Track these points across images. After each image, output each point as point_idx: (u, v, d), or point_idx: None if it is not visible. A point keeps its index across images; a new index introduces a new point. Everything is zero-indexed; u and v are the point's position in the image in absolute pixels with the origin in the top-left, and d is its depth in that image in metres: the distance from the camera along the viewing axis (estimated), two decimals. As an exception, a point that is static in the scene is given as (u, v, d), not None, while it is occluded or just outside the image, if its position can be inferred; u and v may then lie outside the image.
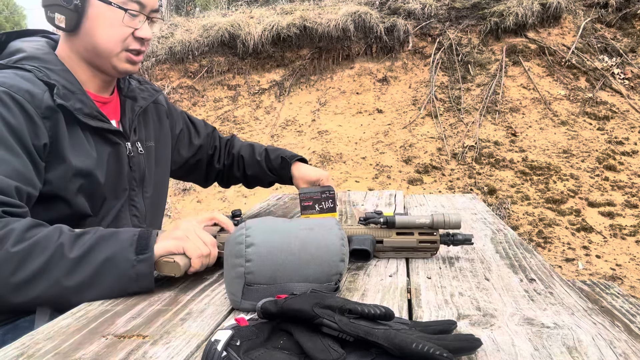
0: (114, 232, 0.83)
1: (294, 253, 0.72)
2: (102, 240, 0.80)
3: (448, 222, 0.94)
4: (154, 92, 1.24)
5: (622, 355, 0.55)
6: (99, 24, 1.00)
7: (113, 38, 1.01)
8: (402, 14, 5.73)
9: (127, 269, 0.79)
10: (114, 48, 1.02)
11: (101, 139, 1.04)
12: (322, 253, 0.73)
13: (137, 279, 0.79)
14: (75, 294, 0.78)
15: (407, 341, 0.49)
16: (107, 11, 1.00)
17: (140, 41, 1.05)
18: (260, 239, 0.72)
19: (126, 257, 0.79)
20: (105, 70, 1.06)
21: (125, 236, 0.82)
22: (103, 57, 1.03)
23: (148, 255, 0.80)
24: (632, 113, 4.57)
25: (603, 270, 3.02)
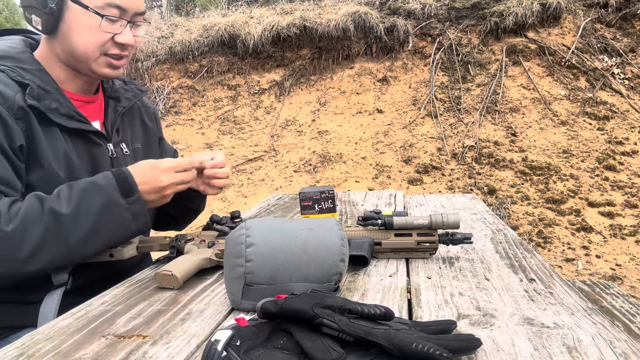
0: (91, 182, 0.88)
1: (294, 253, 0.72)
2: (85, 192, 0.86)
3: (446, 222, 0.94)
4: (138, 92, 1.21)
5: (622, 355, 0.55)
6: (75, 28, 0.97)
7: (90, 43, 0.98)
8: (402, 14, 5.73)
9: (122, 212, 0.87)
10: (92, 53, 0.99)
11: (82, 140, 1.01)
12: (322, 253, 0.73)
13: (135, 219, 0.89)
14: (83, 247, 0.85)
15: (407, 341, 0.49)
16: (84, 16, 0.96)
17: (120, 46, 1.01)
18: (260, 239, 0.72)
19: (117, 202, 0.87)
20: (84, 73, 1.03)
21: (105, 182, 0.88)
22: (81, 61, 1.00)
23: (136, 196, 0.89)
24: (632, 113, 4.57)
25: (603, 270, 3.02)
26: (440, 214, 0.95)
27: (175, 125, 5.46)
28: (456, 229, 0.97)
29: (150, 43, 5.95)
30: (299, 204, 1.27)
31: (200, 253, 0.93)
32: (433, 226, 0.95)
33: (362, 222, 1.00)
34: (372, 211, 1.01)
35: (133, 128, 1.19)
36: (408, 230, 0.97)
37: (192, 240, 1.00)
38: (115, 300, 0.79)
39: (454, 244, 0.97)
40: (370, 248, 0.95)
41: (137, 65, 5.84)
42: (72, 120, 0.98)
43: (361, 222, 1.00)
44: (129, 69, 5.80)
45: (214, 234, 1.01)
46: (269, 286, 0.71)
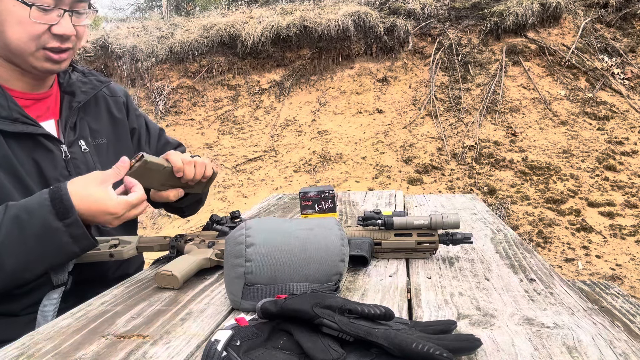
0: (23, 206, 0.80)
1: (294, 253, 0.72)
2: (16, 219, 0.79)
3: (446, 222, 0.94)
4: (98, 83, 1.10)
5: (622, 355, 0.55)
6: (6, 21, 0.89)
7: (23, 36, 0.89)
8: (402, 14, 5.73)
9: (60, 236, 0.80)
10: (26, 47, 0.90)
11: (30, 143, 0.93)
12: (322, 253, 0.73)
13: (76, 241, 0.81)
14: (23, 273, 0.80)
15: (407, 341, 0.49)
16: (13, 7, 0.88)
17: (59, 38, 0.92)
18: (260, 239, 0.72)
19: (53, 227, 0.79)
20: (26, 69, 0.95)
21: (38, 205, 0.80)
22: (17, 56, 0.92)
23: (73, 218, 0.80)
24: (632, 113, 4.57)
25: (603, 270, 3.02)
26: (440, 214, 0.95)
27: (175, 125, 5.46)
28: (456, 229, 0.97)
29: (150, 43, 5.95)
30: (299, 204, 1.27)
31: (200, 253, 0.93)
32: (433, 226, 0.95)
33: (362, 222, 1.00)
34: (372, 211, 1.00)
35: (97, 122, 1.09)
36: (408, 230, 0.97)
37: (192, 240, 1.00)
38: (115, 300, 0.79)
39: (454, 244, 0.97)
40: (370, 248, 0.95)
41: (137, 65, 5.84)
42: (15, 123, 0.90)
43: (361, 222, 1.00)
44: (129, 69, 5.80)
45: (214, 234, 1.00)
46: (269, 286, 0.71)
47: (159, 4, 9.50)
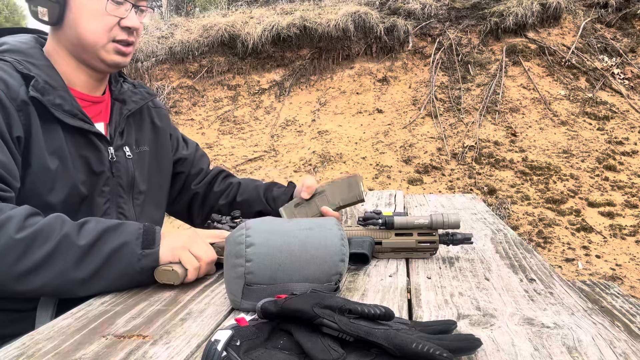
0: (119, 223, 0.84)
1: (294, 253, 0.72)
2: (108, 231, 0.81)
3: (447, 222, 0.94)
4: (147, 95, 1.17)
5: (622, 355, 0.55)
6: (82, 14, 0.96)
7: (98, 28, 0.97)
8: (402, 14, 5.73)
9: (133, 262, 0.81)
10: (100, 39, 0.97)
11: (82, 140, 0.99)
12: (321, 253, 0.73)
13: (141, 273, 0.82)
14: (80, 285, 0.79)
15: (407, 341, 0.49)
16: (89, 1, 0.96)
17: (127, 31, 1.00)
18: (260, 239, 0.72)
19: (133, 251, 0.81)
20: (93, 64, 1.01)
21: (132, 229, 0.83)
22: (89, 49, 0.98)
23: (154, 250, 0.82)
24: (632, 113, 4.57)
25: (603, 270, 3.02)
26: (441, 214, 0.95)
27: (175, 125, 5.47)
28: (457, 229, 0.97)
29: (150, 43, 5.95)
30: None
31: None
32: (433, 226, 0.95)
33: (363, 222, 1.00)
34: (372, 211, 1.01)
35: (141, 131, 1.16)
36: (409, 230, 0.97)
37: None
38: (115, 300, 0.79)
39: (455, 244, 0.96)
40: (371, 247, 0.95)
41: (137, 65, 5.85)
42: (74, 119, 0.96)
43: (361, 222, 1.00)
44: (128, 69, 5.80)
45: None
46: (269, 286, 0.71)
47: (159, 4, 9.51)
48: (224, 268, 0.75)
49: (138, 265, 0.81)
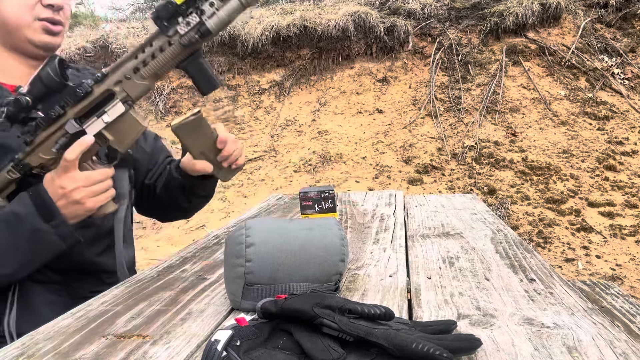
0: (10, 213, 0.85)
1: (294, 253, 0.72)
2: (8, 225, 0.84)
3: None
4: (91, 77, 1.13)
5: (622, 355, 0.55)
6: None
7: (18, 8, 0.94)
8: (402, 14, 5.73)
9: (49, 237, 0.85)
10: (22, 19, 0.95)
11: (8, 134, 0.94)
12: (321, 253, 0.73)
13: (64, 239, 0.86)
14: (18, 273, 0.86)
15: (407, 341, 0.49)
16: None
17: (51, 8, 0.96)
18: (260, 239, 0.72)
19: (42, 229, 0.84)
20: (23, 48, 0.98)
21: (24, 211, 0.84)
22: (15, 32, 0.95)
23: (59, 219, 0.85)
24: (632, 113, 4.58)
25: (603, 270, 3.02)
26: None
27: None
28: None
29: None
30: (299, 204, 1.27)
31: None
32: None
33: None
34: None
35: None
36: None
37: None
38: (115, 300, 0.79)
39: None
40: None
41: (137, 65, 5.85)
42: None
43: None
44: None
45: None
46: (269, 286, 0.71)
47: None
48: (224, 268, 0.75)
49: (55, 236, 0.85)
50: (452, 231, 1.22)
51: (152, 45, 0.81)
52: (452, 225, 1.30)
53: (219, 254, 1.06)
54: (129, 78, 0.82)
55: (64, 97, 0.83)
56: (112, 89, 0.83)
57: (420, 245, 1.08)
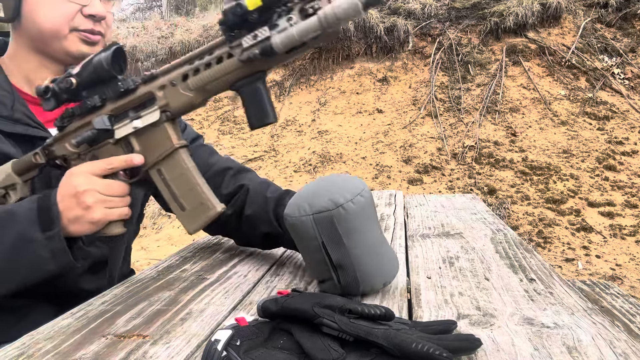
0: (7, 210, 0.75)
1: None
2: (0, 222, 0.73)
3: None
4: None
5: (622, 355, 0.55)
6: (38, 4, 0.88)
7: (57, 17, 0.89)
8: (402, 14, 5.73)
9: (38, 250, 0.73)
10: (60, 29, 0.89)
11: (31, 146, 0.87)
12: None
13: (54, 256, 0.74)
14: None
15: (407, 341, 0.49)
16: None
17: (91, 19, 0.91)
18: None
19: (32, 238, 0.73)
20: (59, 58, 0.93)
21: (22, 210, 0.75)
22: (51, 41, 0.90)
23: (56, 230, 0.74)
24: (632, 113, 4.58)
25: (603, 270, 3.02)
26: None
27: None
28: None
29: (150, 43, 5.95)
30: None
31: None
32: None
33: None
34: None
35: None
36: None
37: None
38: (115, 300, 0.79)
39: None
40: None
41: (137, 66, 5.85)
42: (15, 124, 0.87)
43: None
44: (129, 69, 5.81)
45: None
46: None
47: (159, 4, 9.50)
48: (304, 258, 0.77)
49: (46, 250, 0.73)
50: (452, 231, 1.22)
51: (212, 53, 0.71)
52: (452, 225, 1.30)
53: (219, 254, 1.06)
54: (174, 85, 0.73)
55: (107, 89, 0.76)
56: (154, 92, 0.75)
57: (420, 245, 1.08)
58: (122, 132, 0.77)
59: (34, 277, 0.75)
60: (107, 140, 0.79)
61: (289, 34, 0.63)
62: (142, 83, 0.75)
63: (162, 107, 0.74)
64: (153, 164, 0.78)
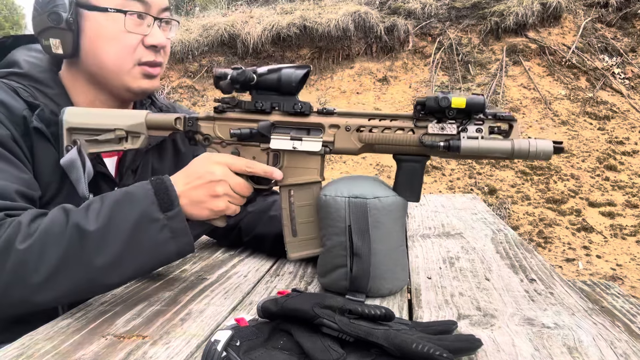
0: (125, 192, 0.73)
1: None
2: (118, 205, 0.71)
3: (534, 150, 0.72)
4: None
5: (623, 355, 0.55)
6: (99, 38, 0.86)
7: (120, 52, 0.87)
8: (402, 14, 5.73)
9: (159, 230, 0.71)
10: (123, 64, 0.88)
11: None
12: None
13: (175, 236, 0.72)
14: (109, 273, 0.70)
15: (408, 341, 0.49)
16: (105, 20, 0.86)
17: (153, 50, 0.89)
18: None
19: (153, 217, 0.71)
20: (118, 93, 0.92)
21: (141, 193, 0.73)
22: (112, 77, 0.89)
23: (177, 210, 0.73)
24: (632, 113, 4.57)
25: (603, 271, 3.02)
26: (527, 140, 0.72)
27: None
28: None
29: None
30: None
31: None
32: (515, 155, 0.73)
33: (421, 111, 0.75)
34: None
35: (161, 161, 1.01)
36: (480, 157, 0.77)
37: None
38: (115, 300, 0.79)
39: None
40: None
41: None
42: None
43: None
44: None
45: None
46: None
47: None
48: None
49: (167, 230, 0.72)
50: (452, 231, 1.22)
51: (395, 120, 0.76)
52: (453, 225, 1.29)
53: (219, 254, 1.06)
54: (348, 130, 0.77)
55: (282, 102, 0.78)
56: (325, 125, 0.78)
57: (421, 246, 1.08)
58: (278, 145, 0.79)
59: (153, 262, 0.74)
60: (259, 143, 0.80)
61: (480, 144, 0.71)
62: (317, 113, 0.79)
63: (326, 142, 0.78)
64: (288, 184, 0.80)
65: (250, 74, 0.76)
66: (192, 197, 0.75)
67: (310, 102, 0.79)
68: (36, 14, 0.87)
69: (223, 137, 0.81)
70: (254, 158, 0.81)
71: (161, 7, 0.90)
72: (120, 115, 0.85)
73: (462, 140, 0.71)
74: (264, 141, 0.80)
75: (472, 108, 0.71)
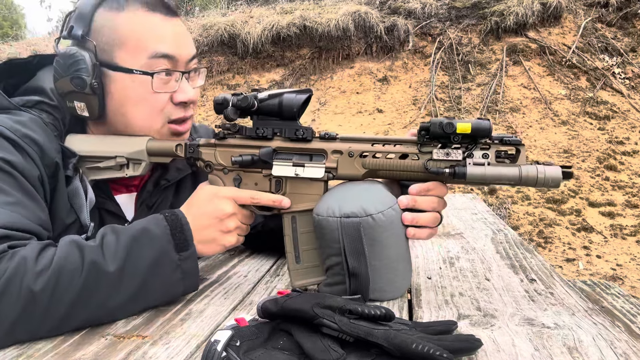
0: (142, 229, 0.71)
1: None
2: (136, 242, 0.69)
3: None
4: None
5: (623, 355, 0.55)
6: (126, 101, 0.83)
7: (148, 113, 0.84)
8: (402, 14, 5.73)
9: (173, 270, 0.71)
10: (153, 124, 0.85)
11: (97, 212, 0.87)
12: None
13: (184, 278, 0.72)
14: (120, 312, 0.69)
15: (407, 342, 0.49)
16: (132, 82, 0.82)
17: (182, 106, 0.86)
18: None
19: (170, 258, 0.70)
20: None
21: (157, 232, 0.71)
22: (141, 134, 0.86)
23: (191, 250, 0.72)
24: (632, 113, 4.57)
25: (603, 271, 3.02)
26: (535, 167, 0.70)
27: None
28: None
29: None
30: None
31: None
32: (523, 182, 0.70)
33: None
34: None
35: (178, 195, 0.98)
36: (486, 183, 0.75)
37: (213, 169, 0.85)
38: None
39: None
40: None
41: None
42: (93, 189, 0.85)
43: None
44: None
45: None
46: None
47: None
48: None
49: (179, 271, 0.71)
50: (452, 231, 1.22)
51: (398, 145, 0.75)
52: (453, 225, 1.29)
53: (219, 254, 1.06)
54: (351, 156, 0.76)
55: (284, 127, 0.77)
56: (327, 151, 0.76)
57: (421, 246, 1.08)
58: (281, 171, 0.77)
59: (158, 301, 0.72)
60: (262, 169, 0.79)
61: (486, 171, 0.69)
62: (319, 138, 0.77)
63: (329, 168, 0.77)
64: (291, 210, 0.79)
65: (251, 100, 0.75)
66: (203, 237, 0.75)
67: (312, 127, 0.78)
68: (58, 76, 0.82)
69: (225, 163, 0.80)
70: (256, 184, 0.80)
71: (188, 58, 0.86)
72: (121, 142, 0.85)
73: (468, 167, 0.69)
74: (266, 167, 0.79)
75: (477, 133, 0.69)
